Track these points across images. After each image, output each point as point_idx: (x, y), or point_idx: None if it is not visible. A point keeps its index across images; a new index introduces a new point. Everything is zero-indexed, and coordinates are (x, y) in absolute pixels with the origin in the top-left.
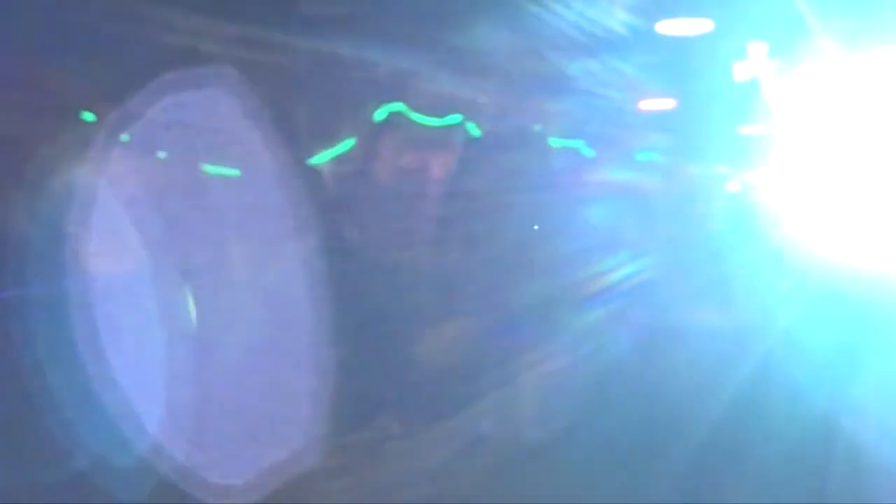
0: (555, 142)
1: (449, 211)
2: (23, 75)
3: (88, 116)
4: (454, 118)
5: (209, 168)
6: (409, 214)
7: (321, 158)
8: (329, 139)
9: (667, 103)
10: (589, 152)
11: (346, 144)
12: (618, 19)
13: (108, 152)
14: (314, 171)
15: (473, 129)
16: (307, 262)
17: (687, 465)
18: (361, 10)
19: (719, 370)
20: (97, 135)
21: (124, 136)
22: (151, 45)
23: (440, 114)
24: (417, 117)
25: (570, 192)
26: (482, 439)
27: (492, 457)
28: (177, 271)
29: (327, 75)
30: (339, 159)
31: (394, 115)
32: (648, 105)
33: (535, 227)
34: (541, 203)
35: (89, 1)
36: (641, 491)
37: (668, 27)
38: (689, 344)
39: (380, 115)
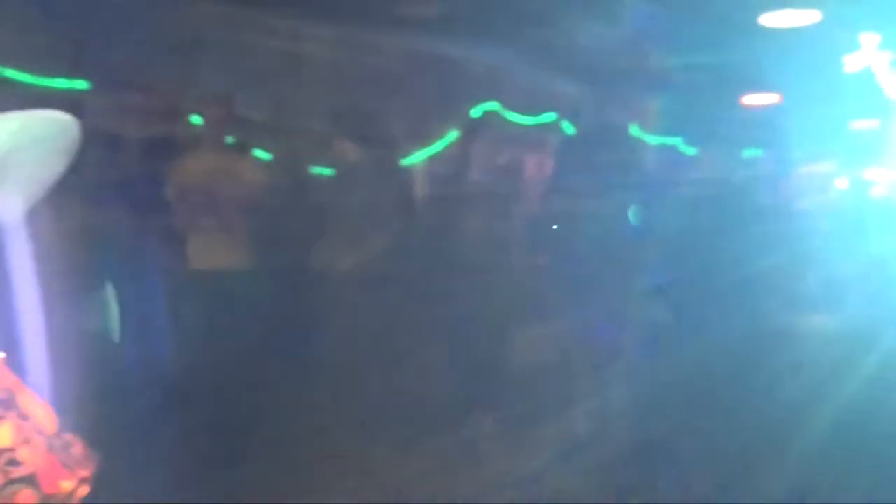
0: (652, 139)
1: (543, 210)
2: (134, 81)
3: (196, 119)
4: (548, 116)
5: (313, 168)
6: (503, 213)
7: (416, 158)
8: (424, 139)
9: (772, 98)
10: (689, 150)
11: (441, 144)
12: (719, 12)
13: (213, 153)
14: (408, 171)
15: (568, 128)
16: (403, 262)
17: (797, 468)
18: (455, 10)
19: (830, 373)
20: (204, 136)
21: (229, 139)
22: (254, 50)
23: (535, 112)
24: (512, 115)
25: (667, 190)
26: (578, 441)
27: (588, 459)
28: (273, 269)
29: (421, 75)
30: (433, 158)
31: (488, 114)
32: (752, 100)
33: (554, 227)
34: (637, 201)
35: (195, 10)
36: (744, 494)
37: (772, 19)
38: (797, 346)
39: (474, 113)
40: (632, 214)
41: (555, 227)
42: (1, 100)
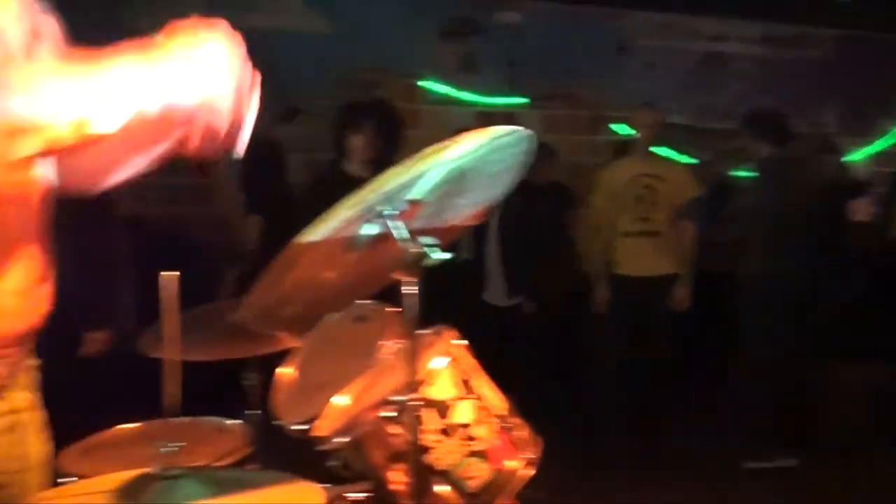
0: None
1: None
2: (555, 91)
3: (620, 128)
4: None
5: (737, 171)
6: None
7: (860, 155)
8: (869, 134)
9: None
10: None
11: (889, 140)
12: None
13: (641, 159)
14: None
15: None
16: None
17: None
18: None
19: None
20: (632, 143)
21: (656, 147)
22: (678, 54)
23: None
24: None
25: None
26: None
27: None
28: None
29: (862, 66)
30: (880, 157)
31: None
32: None
33: None
34: None
35: (625, 21)
36: None
37: None
38: None
39: None
40: None
41: None
42: (457, 118)
